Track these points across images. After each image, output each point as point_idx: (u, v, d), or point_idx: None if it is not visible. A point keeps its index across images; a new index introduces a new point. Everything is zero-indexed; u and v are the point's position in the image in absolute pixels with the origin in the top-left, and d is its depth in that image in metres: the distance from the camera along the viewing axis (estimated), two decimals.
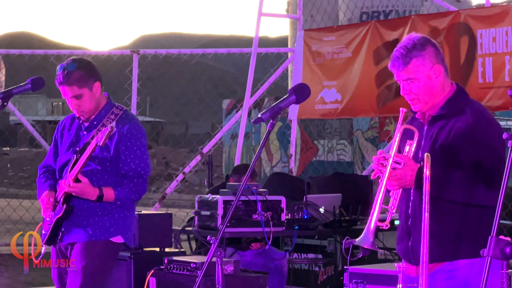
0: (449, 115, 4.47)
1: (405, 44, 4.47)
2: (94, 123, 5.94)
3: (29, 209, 14.83)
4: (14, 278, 12.91)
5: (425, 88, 4.45)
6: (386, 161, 4.28)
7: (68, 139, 6.08)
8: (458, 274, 4.42)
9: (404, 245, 4.52)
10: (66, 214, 5.84)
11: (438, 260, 4.36)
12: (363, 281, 6.30)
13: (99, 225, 5.97)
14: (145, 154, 6.11)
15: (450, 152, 4.31)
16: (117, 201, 5.92)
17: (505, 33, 9.46)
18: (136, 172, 5.94)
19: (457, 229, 4.44)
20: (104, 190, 5.79)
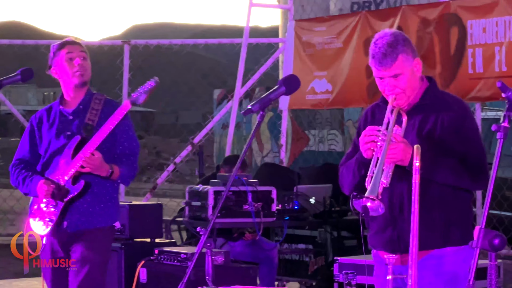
0: (430, 106, 4.61)
1: (387, 41, 4.58)
2: (80, 107, 6.03)
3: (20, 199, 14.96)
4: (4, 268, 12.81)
5: (409, 82, 4.57)
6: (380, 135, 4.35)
7: (53, 127, 6.11)
8: (446, 261, 4.52)
9: (388, 234, 4.60)
10: (82, 193, 5.84)
11: (427, 248, 4.43)
12: (353, 271, 6.20)
13: (105, 211, 6.06)
14: (135, 134, 6.33)
15: (440, 142, 4.40)
16: (120, 177, 6.00)
17: (495, 24, 9.55)
18: (132, 151, 6.10)
19: (446, 216, 4.52)
20: (113, 167, 5.87)
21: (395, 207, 4.55)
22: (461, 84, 9.87)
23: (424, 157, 4.21)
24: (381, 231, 4.69)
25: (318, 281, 9.14)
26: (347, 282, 6.18)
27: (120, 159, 6.06)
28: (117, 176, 5.96)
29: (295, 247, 9.52)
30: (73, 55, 6.01)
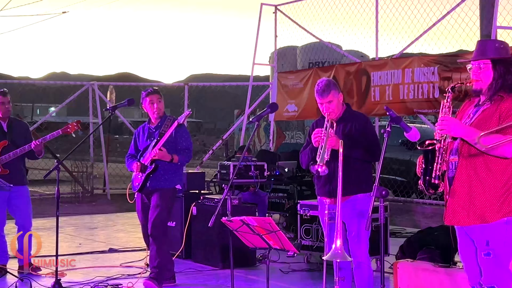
0: (347, 118, 6.26)
1: (324, 83, 6.22)
2: (159, 124, 7.70)
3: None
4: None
5: (337, 106, 6.21)
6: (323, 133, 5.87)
7: (144, 136, 7.85)
8: (358, 202, 6.09)
9: (327, 188, 6.16)
10: (154, 170, 7.42)
11: (348, 194, 5.95)
12: (307, 208, 8.33)
13: (169, 179, 7.63)
14: (190, 138, 7.97)
15: (354, 137, 6.07)
16: (178, 162, 7.60)
17: (386, 74, 11.42)
18: (187, 147, 7.77)
19: (358, 176, 6.10)
20: (173, 156, 7.47)
21: (330, 172, 5.87)
22: (367, 107, 11.93)
23: (346, 145, 5.75)
24: (322, 186, 6.31)
25: (289, 213, 10.57)
26: (304, 214, 8.41)
27: (180, 151, 7.64)
28: (176, 161, 7.51)
29: (277, 195, 11.45)
30: (153, 101, 7.73)
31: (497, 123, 4.45)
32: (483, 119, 4.55)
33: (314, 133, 5.94)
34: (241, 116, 17.13)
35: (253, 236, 5.32)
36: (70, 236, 10.77)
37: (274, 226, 5.13)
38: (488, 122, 4.48)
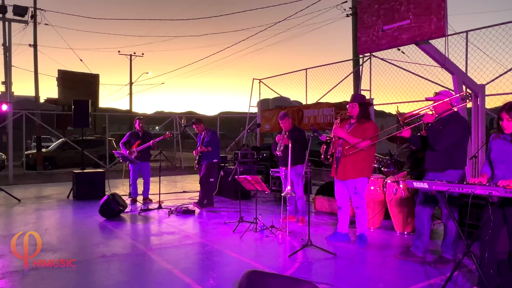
0: (293, 130, 5.98)
1: (283, 113, 6.09)
2: (203, 133, 7.28)
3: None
4: None
5: (288, 124, 6.01)
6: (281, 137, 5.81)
7: (200, 138, 7.31)
8: (297, 168, 5.80)
9: (283, 161, 5.78)
10: (203, 154, 7.16)
11: (293, 165, 5.64)
12: (274, 172, 8.09)
13: (209, 157, 7.19)
14: (216, 138, 7.30)
15: (295, 139, 5.70)
16: (212, 150, 7.15)
17: (312, 113, 10.78)
18: (215, 143, 7.23)
19: (298, 156, 5.67)
20: (208, 148, 7.12)
21: (284, 155, 5.66)
22: (302, 126, 10.73)
23: (292, 141, 5.50)
24: (281, 161, 5.97)
25: (265, 175, 9.08)
26: (273, 176, 8.13)
27: (211, 144, 7.18)
28: (210, 149, 7.15)
29: (260, 166, 10.32)
30: (198, 128, 7.34)
31: (361, 134, 4.68)
32: (353, 130, 4.78)
33: (277, 137, 5.94)
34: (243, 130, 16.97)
35: (249, 184, 5.49)
36: (165, 184, 10.71)
37: (259, 180, 5.32)
38: (356, 133, 4.74)
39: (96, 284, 3.66)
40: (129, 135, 7.94)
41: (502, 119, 3.09)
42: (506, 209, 3.08)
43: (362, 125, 4.70)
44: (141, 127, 7.89)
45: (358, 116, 4.76)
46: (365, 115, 4.77)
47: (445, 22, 5.14)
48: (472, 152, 6.15)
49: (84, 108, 9.04)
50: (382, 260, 4.28)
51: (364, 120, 4.74)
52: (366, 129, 4.64)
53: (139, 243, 5.00)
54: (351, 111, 4.78)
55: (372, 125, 4.71)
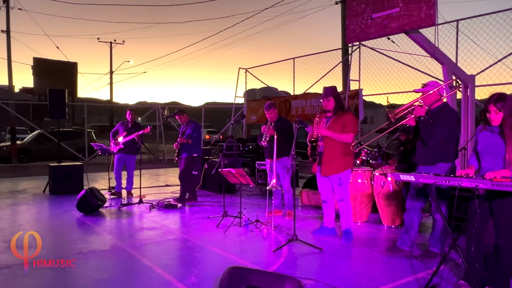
0: (278, 121, 5.92)
1: (268, 104, 6.04)
2: (184, 125, 7.23)
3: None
4: None
5: (274, 115, 5.96)
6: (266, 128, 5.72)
7: (180, 129, 7.28)
8: (283, 161, 5.81)
9: (269, 153, 5.77)
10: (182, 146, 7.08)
11: (279, 157, 5.69)
12: (260, 165, 8.06)
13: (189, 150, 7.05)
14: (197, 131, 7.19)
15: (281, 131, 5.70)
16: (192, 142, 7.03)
17: (300, 103, 10.91)
18: (196, 135, 7.13)
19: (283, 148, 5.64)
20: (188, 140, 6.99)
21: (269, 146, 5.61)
22: (289, 117, 10.67)
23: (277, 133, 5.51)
24: (267, 153, 5.95)
25: (251, 168, 9.36)
26: (258, 169, 8.10)
27: (191, 137, 7.06)
28: (190, 142, 7.03)
29: (246, 159, 10.02)
30: (180, 119, 7.22)
31: (340, 126, 4.72)
32: (332, 124, 4.82)
33: (262, 127, 5.90)
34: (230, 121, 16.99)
35: (233, 178, 5.49)
36: (147, 178, 10.64)
37: (243, 173, 5.32)
38: (336, 126, 4.77)
39: (72, 282, 3.61)
40: (118, 126, 7.92)
41: (490, 112, 3.11)
42: (492, 202, 3.13)
43: (341, 118, 4.75)
44: (132, 118, 7.82)
45: (334, 109, 4.82)
46: (341, 107, 4.85)
47: (435, 11, 5.18)
48: (461, 144, 6.23)
49: (60, 98, 8.88)
50: (368, 255, 4.33)
51: (341, 112, 4.80)
52: (345, 121, 4.69)
53: (118, 239, 4.96)
54: (327, 105, 4.83)
55: (350, 116, 4.78)
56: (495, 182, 2.81)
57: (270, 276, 2.64)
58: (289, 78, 12.13)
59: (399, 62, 8.88)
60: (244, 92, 13.96)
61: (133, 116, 7.86)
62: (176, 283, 3.51)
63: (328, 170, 4.77)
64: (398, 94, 9.00)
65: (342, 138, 4.67)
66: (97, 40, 30.88)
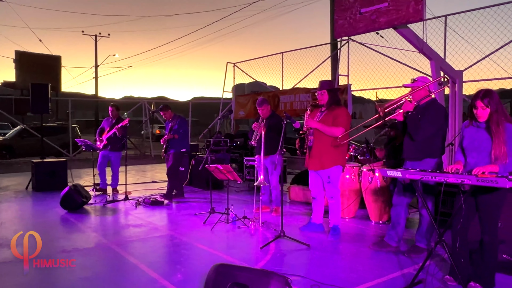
0: (271, 117, 5.88)
1: (261, 99, 5.95)
2: (171, 120, 7.14)
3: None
4: None
5: (266, 111, 5.91)
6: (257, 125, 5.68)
7: (168, 125, 7.17)
8: (272, 158, 5.69)
9: (259, 150, 5.71)
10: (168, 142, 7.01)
11: (269, 154, 5.71)
12: (248, 161, 8.11)
13: (177, 146, 7.03)
14: (184, 126, 7.10)
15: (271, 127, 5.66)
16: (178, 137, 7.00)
17: (288, 98, 10.92)
18: (182, 130, 7.05)
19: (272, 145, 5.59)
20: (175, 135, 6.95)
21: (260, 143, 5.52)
22: (278, 112, 10.59)
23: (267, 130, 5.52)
24: (257, 150, 5.94)
25: (239, 164, 9.49)
26: (246, 165, 8.09)
27: (178, 132, 7.03)
28: (177, 137, 7.01)
29: (234, 154, 10.23)
30: (165, 114, 7.17)
31: (332, 120, 4.73)
32: (324, 118, 4.82)
33: (253, 124, 5.86)
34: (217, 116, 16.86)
35: (220, 174, 5.49)
36: (133, 174, 10.59)
37: (230, 169, 5.31)
38: (327, 120, 4.77)
39: (56, 281, 3.57)
40: (104, 122, 7.87)
41: (477, 107, 3.15)
42: (478, 197, 3.18)
43: (333, 112, 4.74)
44: (114, 114, 7.74)
45: (328, 103, 4.81)
46: (336, 101, 4.83)
47: (423, 5, 5.23)
48: (449, 139, 6.32)
49: (43, 93, 8.77)
50: (356, 251, 4.36)
51: (335, 107, 4.79)
52: (337, 115, 4.67)
53: (103, 237, 4.92)
54: (321, 98, 4.83)
55: (343, 110, 4.76)
56: (480, 178, 2.85)
57: (256, 273, 2.65)
58: (278, 73, 12.16)
59: (388, 57, 8.96)
60: (232, 86, 13.94)
61: (115, 112, 7.76)
62: (162, 281, 3.49)
63: (317, 165, 4.78)
64: (386, 89, 9.09)
65: (331, 131, 4.65)
66: (82, 33, 30.55)
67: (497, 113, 3.06)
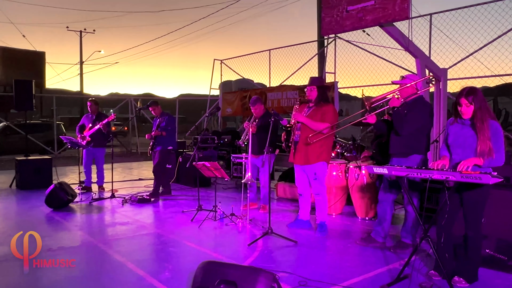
0: (263, 116, 5.85)
1: (254, 99, 5.92)
2: (159, 117, 7.04)
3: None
4: None
5: (261, 111, 5.90)
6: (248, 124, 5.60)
7: (155, 122, 7.04)
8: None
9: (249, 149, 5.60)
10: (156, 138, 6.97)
11: (259, 154, 5.75)
12: (235, 158, 7.91)
13: (164, 143, 7.03)
14: (172, 123, 7.04)
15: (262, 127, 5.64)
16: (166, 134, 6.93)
17: (276, 96, 10.88)
18: (170, 127, 7.00)
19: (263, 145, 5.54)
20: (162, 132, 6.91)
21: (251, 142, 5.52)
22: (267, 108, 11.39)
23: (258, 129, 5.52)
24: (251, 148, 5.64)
25: (226, 161, 9.80)
26: (234, 162, 8.02)
27: (166, 129, 6.97)
28: (164, 134, 6.93)
29: (221, 152, 10.36)
30: (154, 110, 7.10)
31: (319, 117, 4.75)
32: (311, 114, 4.84)
33: (244, 123, 5.80)
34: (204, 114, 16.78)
35: (208, 171, 5.47)
36: (119, 172, 10.52)
37: (218, 166, 5.29)
38: (315, 116, 4.79)
39: (41, 280, 3.52)
40: (84, 119, 7.74)
41: (461, 105, 3.19)
42: (462, 193, 3.23)
43: (321, 108, 4.76)
44: (93, 109, 7.63)
45: (316, 99, 4.83)
46: (324, 98, 4.85)
47: (409, 4, 5.23)
48: (433, 136, 6.38)
49: (27, 89, 8.63)
50: (343, 247, 4.40)
51: (323, 103, 4.81)
52: (325, 112, 4.69)
53: (89, 235, 4.87)
54: (310, 94, 4.85)
55: (331, 108, 4.78)
56: (464, 174, 2.89)
57: (244, 270, 2.65)
58: (265, 70, 12.17)
59: (374, 55, 9.02)
60: (219, 84, 13.89)
61: (94, 107, 7.65)
62: (150, 279, 3.47)
63: (302, 159, 4.79)
64: (373, 86, 9.15)
65: (317, 126, 4.66)
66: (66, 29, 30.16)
67: (481, 110, 3.11)
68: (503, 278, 3.48)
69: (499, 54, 7.03)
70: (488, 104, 3.21)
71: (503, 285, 3.37)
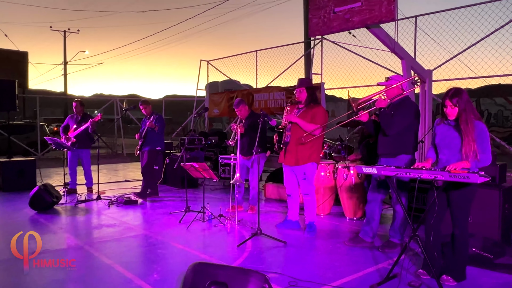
0: (249, 116, 5.79)
1: (237, 101, 5.88)
2: (149, 117, 6.87)
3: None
4: None
5: (243, 111, 5.82)
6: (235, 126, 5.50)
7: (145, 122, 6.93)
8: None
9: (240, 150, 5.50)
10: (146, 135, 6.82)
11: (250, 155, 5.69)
12: (223, 159, 7.92)
13: (152, 143, 6.94)
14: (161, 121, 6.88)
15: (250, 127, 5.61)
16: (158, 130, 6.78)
17: (263, 97, 10.75)
18: (160, 125, 6.83)
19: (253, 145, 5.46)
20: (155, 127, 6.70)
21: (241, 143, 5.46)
22: (254, 109, 10.37)
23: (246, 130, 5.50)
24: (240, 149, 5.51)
25: (213, 162, 9.51)
26: (222, 163, 8.02)
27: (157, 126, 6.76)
28: (156, 129, 6.77)
29: (209, 153, 10.06)
30: (145, 110, 6.98)
31: (310, 118, 4.76)
32: (302, 115, 4.84)
33: (232, 125, 5.75)
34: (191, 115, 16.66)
35: (196, 172, 5.44)
36: (105, 173, 10.38)
37: (206, 167, 5.26)
38: (305, 118, 4.80)
39: (26, 284, 3.44)
40: (68, 119, 7.62)
41: (446, 106, 3.23)
42: (450, 192, 3.28)
43: (311, 110, 4.77)
44: (78, 110, 7.52)
45: (306, 100, 4.84)
46: (313, 100, 4.86)
47: (395, 6, 5.32)
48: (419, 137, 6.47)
49: (9, 89, 8.45)
50: (331, 247, 4.41)
51: (313, 105, 4.82)
52: (315, 113, 4.69)
53: (75, 237, 4.80)
54: (299, 96, 4.85)
55: (321, 109, 4.80)
56: (453, 174, 2.93)
57: (235, 271, 2.64)
58: (252, 71, 12.09)
59: (360, 57, 9.08)
60: (206, 84, 13.82)
61: (80, 107, 7.54)
62: (138, 281, 3.43)
63: (293, 160, 4.79)
64: (359, 88, 9.22)
65: (309, 127, 4.66)
66: (50, 29, 29.69)
67: (466, 112, 3.14)
68: (490, 276, 3.52)
69: (482, 56, 7.13)
70: (474, 105, 3.26)
71: (490, 283, 3.41)
